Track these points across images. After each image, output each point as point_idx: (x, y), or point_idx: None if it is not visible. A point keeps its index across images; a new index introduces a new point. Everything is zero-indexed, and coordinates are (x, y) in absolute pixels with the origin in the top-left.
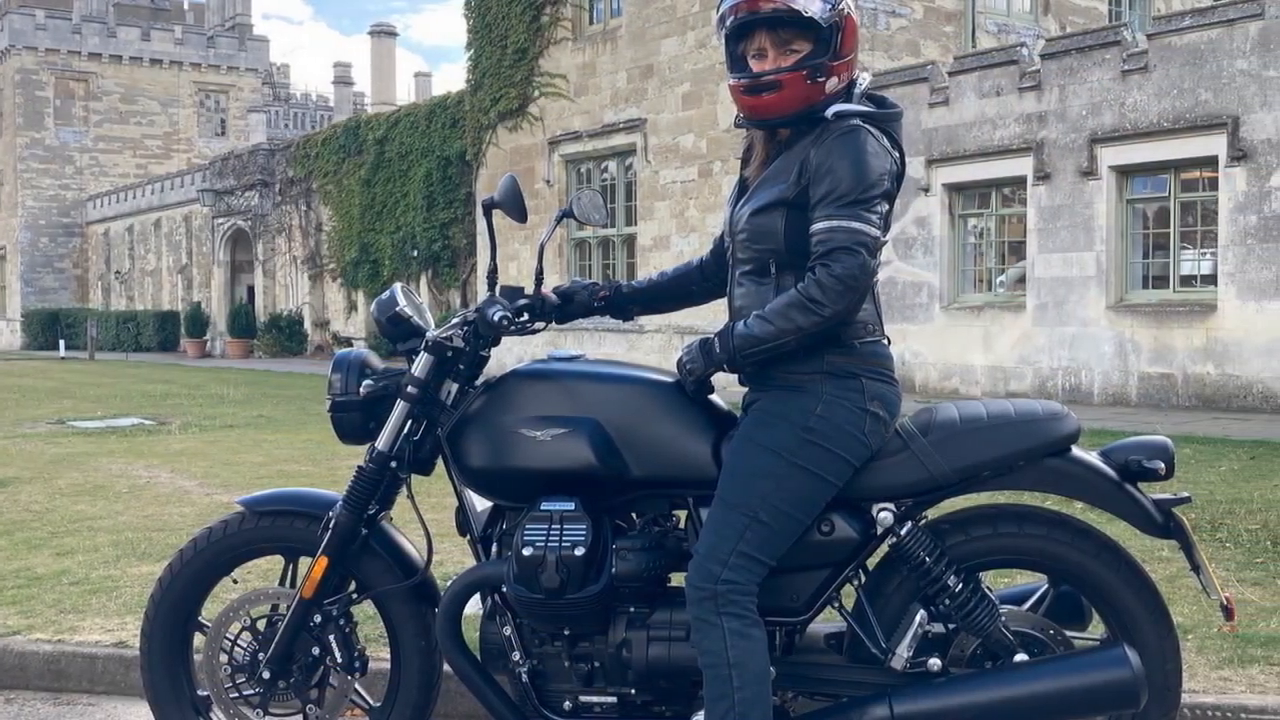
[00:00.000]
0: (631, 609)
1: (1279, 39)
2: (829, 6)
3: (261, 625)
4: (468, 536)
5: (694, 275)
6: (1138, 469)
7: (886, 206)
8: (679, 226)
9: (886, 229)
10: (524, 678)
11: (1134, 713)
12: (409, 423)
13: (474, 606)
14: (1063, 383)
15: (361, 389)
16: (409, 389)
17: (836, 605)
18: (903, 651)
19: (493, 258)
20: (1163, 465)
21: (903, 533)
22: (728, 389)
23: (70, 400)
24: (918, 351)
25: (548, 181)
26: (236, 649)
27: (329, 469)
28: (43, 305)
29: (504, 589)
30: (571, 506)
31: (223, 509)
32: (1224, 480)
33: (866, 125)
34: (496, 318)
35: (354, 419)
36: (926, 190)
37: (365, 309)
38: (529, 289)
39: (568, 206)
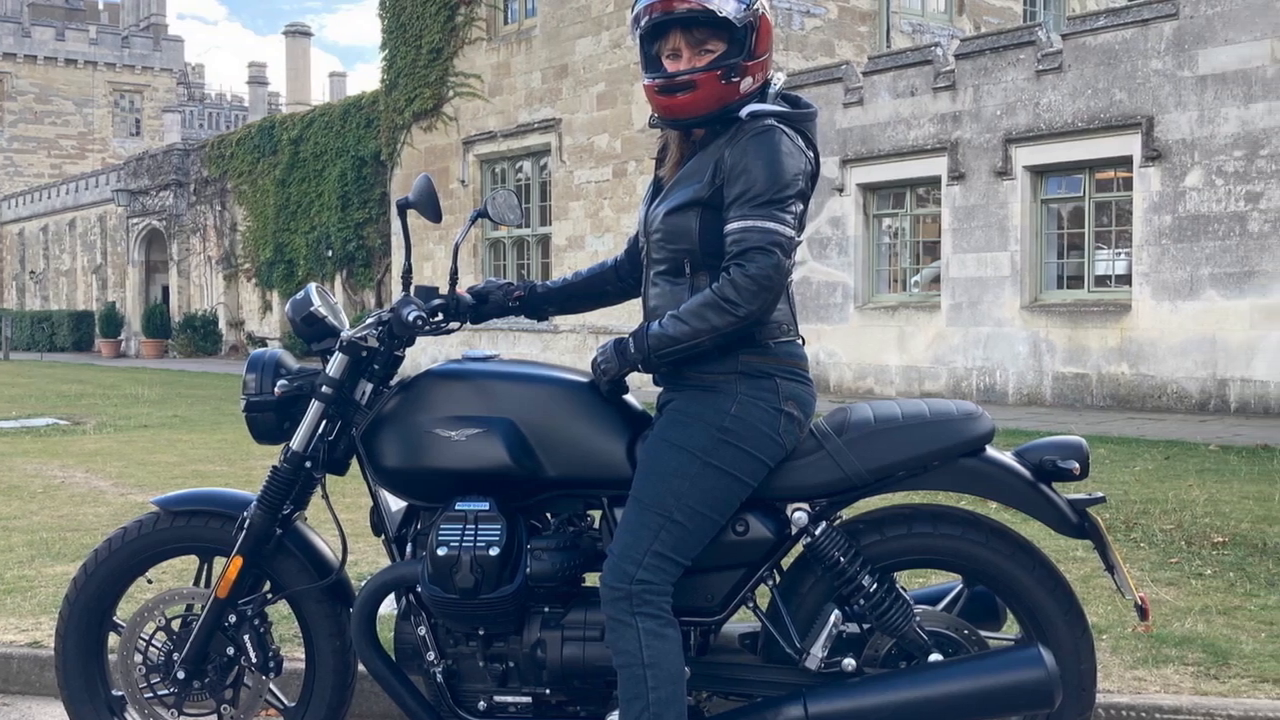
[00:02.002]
0: (546, 609)
1: (1193, 39)
2: (743, 6)
3: (176, 625)
4: (382, 536)
5: (609, 275)
6: (1052, 469)
7: (801, 206)
8: (594, 226)
9: (801, 229)
10: (439, 678)
11: (1049, 713)
12: (324, 423)
13: (389, 606)
14: (977, 383)
15: (276, 389)
16: (324, 389)
17: (751, 605)
18: (817, 651)
19: (407, 258)
20: (1077, 465)
21: (817, 533)
22: (643, 389)
23: None
24: (832, 351)
25: (462, 181)
26: (151, 649)
27: (244, 469)
28: None
29: (419, 589)
30: (486, 506)
31: (137, 509)
32: (1138, 480)
33: (781, 125)
34: (411, 318)
35: (269, 419)
36: (841, 190)
37: (280, 309)
38: (444, 289)
39: (483, 207)
